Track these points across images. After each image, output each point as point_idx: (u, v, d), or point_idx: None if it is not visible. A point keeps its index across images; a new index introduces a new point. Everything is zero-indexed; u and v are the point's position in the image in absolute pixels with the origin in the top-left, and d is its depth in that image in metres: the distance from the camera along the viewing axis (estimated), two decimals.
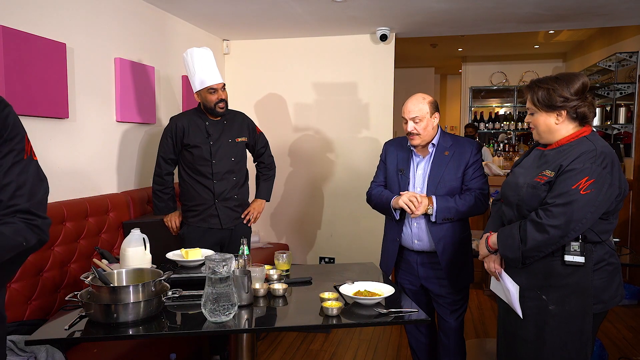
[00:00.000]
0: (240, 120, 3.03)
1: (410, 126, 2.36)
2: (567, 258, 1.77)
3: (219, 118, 2.91)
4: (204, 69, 2.79)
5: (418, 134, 2.36)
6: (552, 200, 1.75)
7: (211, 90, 2.80)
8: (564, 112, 1.82)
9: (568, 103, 1.80)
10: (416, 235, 2.42)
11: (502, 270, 1.95)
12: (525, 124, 2.01)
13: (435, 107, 2.41)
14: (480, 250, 2.04)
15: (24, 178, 1.22)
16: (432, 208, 2.31)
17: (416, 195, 2.31)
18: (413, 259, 2.47)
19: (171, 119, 2.93)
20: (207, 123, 2.88)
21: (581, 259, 1.76)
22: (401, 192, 2.37)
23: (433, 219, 2.34)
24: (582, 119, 1.84)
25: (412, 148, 2.45)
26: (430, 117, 2.37)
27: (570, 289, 1.79)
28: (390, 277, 2.42)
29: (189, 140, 2.85)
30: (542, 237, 1.75)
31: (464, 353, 2.53)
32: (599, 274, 1.80)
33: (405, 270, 2.52)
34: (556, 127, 1.84)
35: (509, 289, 1.89)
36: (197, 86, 2.81)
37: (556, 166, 1.79)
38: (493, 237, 1.96)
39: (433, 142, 2.42)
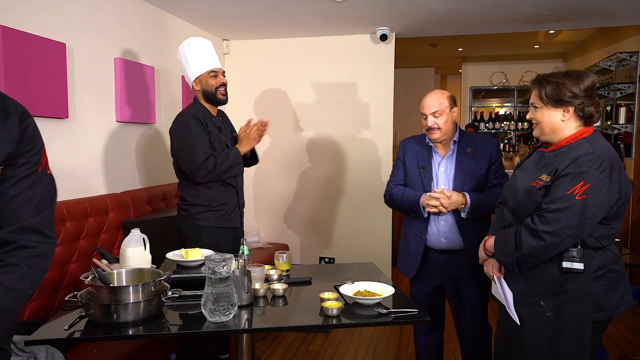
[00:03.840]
0: (225, 117, 2.91)
1: (431, 121, 2.35)
2: (565, 264, 1.71)
3: (216, 114, 2.77)
4: (205, 54, 2.68)
5: (439, 128, 2.36)
6: (547, 206, 1.70)
7: (212, 73, 2.68)
8: (571, 109, 1.77)
9: (576, 100, 1.75)
10: (443, 233, 2.39)
11: (502, 275, 1.91)
12: (526, 123, 1.98)
13: (454, 102, 2.42)
14: (479, 254, 2.02)
15: (33, 191, 1.17)
16: (466, 205, 2.30)
17: (444, 191, 2.30)
18: (436, 259, 2.43)
19: (183, 113, 2.67)
20: (212, 119, 2.73)
21: (580, 266, 1.70)
22: (434, 189, 2.33)
23: (465, 215, 2.33)
24: (588, 119, 1.78)
25: (431, 145, 2.44)
26: (450, 111, 2.38)
27: (568, 295, 1.73)
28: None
29: (210, 135, 2.65)
30: (538, 244, 1.70)
31: (489, 343, 2.48)
32: (600, 281, 1.74)
33: (424, 271, 2.47)
34: (561, 124, 1.79)
35: (504, 294, 1.86)
36: (197, 72, 2.67)
37: (552, 170, 1.74)
38: (490, 241, 1.92)
39: (455, 139, 2.42)
